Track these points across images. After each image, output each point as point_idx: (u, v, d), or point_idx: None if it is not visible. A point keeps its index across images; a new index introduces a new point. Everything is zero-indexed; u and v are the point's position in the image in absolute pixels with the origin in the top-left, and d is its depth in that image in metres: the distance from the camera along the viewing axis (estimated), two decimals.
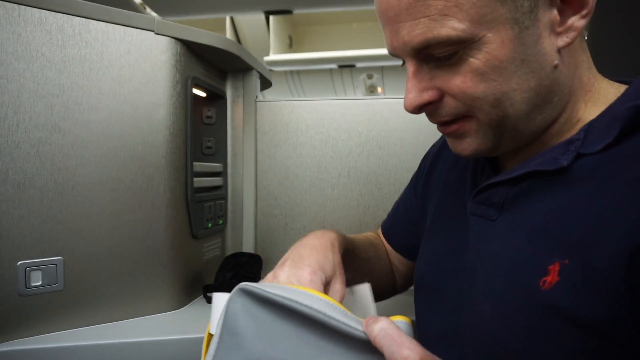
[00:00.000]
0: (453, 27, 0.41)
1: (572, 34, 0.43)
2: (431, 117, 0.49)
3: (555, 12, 0.43)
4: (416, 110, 0.47)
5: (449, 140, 0.51)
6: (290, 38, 3.01)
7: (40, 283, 0.73)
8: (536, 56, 0.43)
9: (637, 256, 0.35)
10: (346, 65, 2.86)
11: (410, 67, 0.46)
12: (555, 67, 0.44)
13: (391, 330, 0.36)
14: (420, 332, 0.60)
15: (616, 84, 0.49)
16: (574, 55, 0.46)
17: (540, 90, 0.44)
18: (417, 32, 0.42)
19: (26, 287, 0.72)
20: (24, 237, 0.72)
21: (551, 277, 0.40)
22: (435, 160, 0.69)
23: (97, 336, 0.75)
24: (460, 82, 0.44)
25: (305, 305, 0.39)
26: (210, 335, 0.47)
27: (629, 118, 0.42)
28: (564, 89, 0.46)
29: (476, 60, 0.42)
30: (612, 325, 0.37)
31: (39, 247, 0.73)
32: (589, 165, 0.43)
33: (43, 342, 0.72)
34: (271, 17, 2.74)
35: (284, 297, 0.39)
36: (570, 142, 0.45)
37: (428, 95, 0.46)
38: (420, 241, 0.67)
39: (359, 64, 2.84)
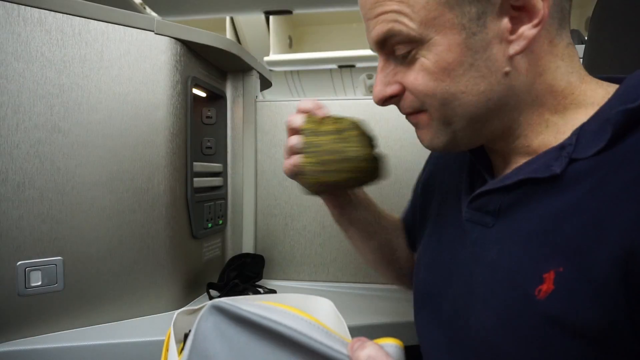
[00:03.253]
0: (405, 24, 0.44)
1: (522, 43, 0.44)
2: (398, 108, 0.53)
3: (506, 20, 0.44)
4: (382, 102, 0.51)
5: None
6: (290, 38, 3.01)
7: (40, 283, 0.73)
8: (485, 61, 0.44)
9: (632, 258, 0.35)
10: (346, 66, 2.86)
11: (380, 62, 0.50)
12: (506, 73, 0.45)
13: (380, 358, 0.35)
14: (420, 340, 0.60)
15: (605, 84, 0.48)
16: (536, 62, 0.46)
17: (492, 95, 0.45)
18: (378, 27, 0.46)
19: (26, 287, 0.72)
20: (23, 237, 0.72)
21: (546, 286, 0.40)
22: (436, 164, 0.70)
23: (97, 336, 0.75)
24: (413, 79, 0.47)
25: (284, 325, 0.36)
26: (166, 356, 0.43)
27: (620, 122, 0.41)
28: (521, 94, 0.46)
29: (426, 60, 0.45)
30: (609, 332, 0.36)
31: (39, 247, 0.73)
32: (582, 170, 0.42)
33: (43, 342, 0.72)
34: (271, 17, 2.74)
35: (260, 316, 0.36)
36: (562, 147, 0.45)
37: (391, 89, 0.50)
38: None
39: (358, 64, 2.84)
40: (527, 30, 0.44)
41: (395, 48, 0.47)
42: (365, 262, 0.80)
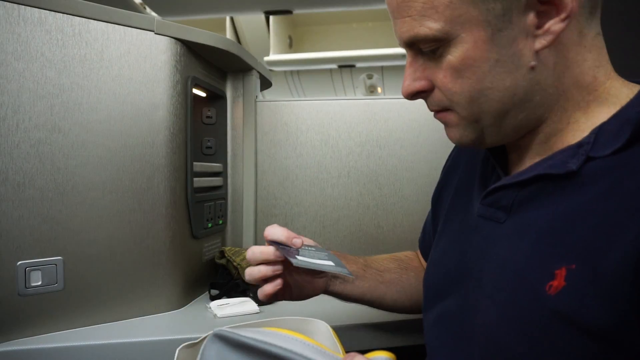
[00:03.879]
0: (429, 27, 0.44)
1: (549, 37, 0.44)
2: (426, 104, 0.53)
3: (532, 15, 0.43)
4: (410, 97, 0.51)
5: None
6: (290, 38, 3.01)
7: (40, 283, 0.73)
8: (511, 57, 0.44)
9: None
10: (346, 65, 2.86)
11: (408, 57, 0.50)
12: (532, 68, 0.45)
13: None
14: (426, 338, 0.60)
15: (631, 85, 0.48)
16: (564, 55, 0.45)
17: (517, 90, 0.45)
18: (404, 29, 0.47)
19: (26, 287, 0.72)
20: (23, 237, 0.72)
21: (557, 282, 0.40)
22: (449, 168, 0.70)
23: (97, 336, 0.75)
24: (442, 76, 0.47)
25: (281, 347, 0.39)
26: None
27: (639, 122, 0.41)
28: (547, 88, 0.46)
29: (453, 57, 0.45)
30: (618, 331, 0.37)
31: (39, 247, 0.73)
32: (599, 169, 0.42)
33: (43, 342, 0.72)
34: (271, 17, 2.74)
35: (257, 340, 0.40)
36: (580, 145, 0.45)
37: (420, 85, 0.50)
38: None
39: (358, 64, 2.84)
40: (553, 24, 0.43)
41: (422, 47, 0.47)
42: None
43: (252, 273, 0.58)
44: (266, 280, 0.59)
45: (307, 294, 0.65)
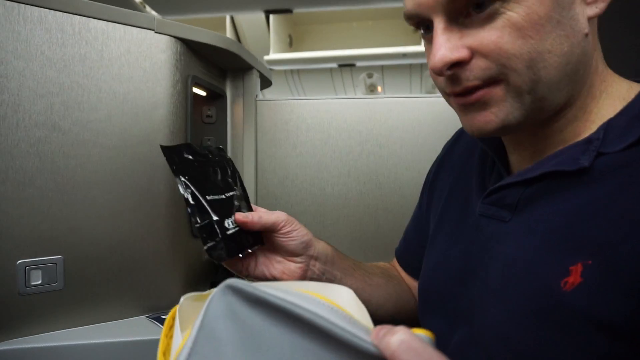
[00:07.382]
0: None
1: (601, 5, 0.43)
2: (455, 83, 0.45)
3: None
4: (444, 69, 0.43)
5: (467, 118, 0.47)
6: (290, 37, 3.01)
7: (40, 282, 0.73)
8: (570, 20, 0.42)
9: None
10: (346, 65, 2.86)
11: (440, 23, 0.43)
12: (586, 35, 0.44)
13: (415, 343, 0.29)
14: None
15: (627, 81, 0.48)
16: (595, 37, 0.46)
17: (572, 58, 0.43)
18: None
19: (26, 286, 0.72)
20: (23, 236, 0.72)
21: (573, 278, 0.39)
22: (439, 169, 0.69)
23: (97, 335, 0.75)
24: (496, 37, 0.42)
25: (306, 310, 0.32)
26: (166, 341, 0.40)
27: None
28: (589, 62, 0.45)
29: (515, 14, 0.41)
30: (635, 326, 0.36)
31: (39, 246, 0.73)
32: (610, 164, 0.42)
33: (43, 341, 0.72)
34: (271, 16, 2.74)
35: (278, 298, 0.33)
36: (589, 141, 0.44)
37: (459, 54, 0.43)
38: None
39: (359, 63, 2.84)
40: None
41: (475, 3, 0.42)
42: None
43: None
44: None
45: (274, 275, 0.64)
